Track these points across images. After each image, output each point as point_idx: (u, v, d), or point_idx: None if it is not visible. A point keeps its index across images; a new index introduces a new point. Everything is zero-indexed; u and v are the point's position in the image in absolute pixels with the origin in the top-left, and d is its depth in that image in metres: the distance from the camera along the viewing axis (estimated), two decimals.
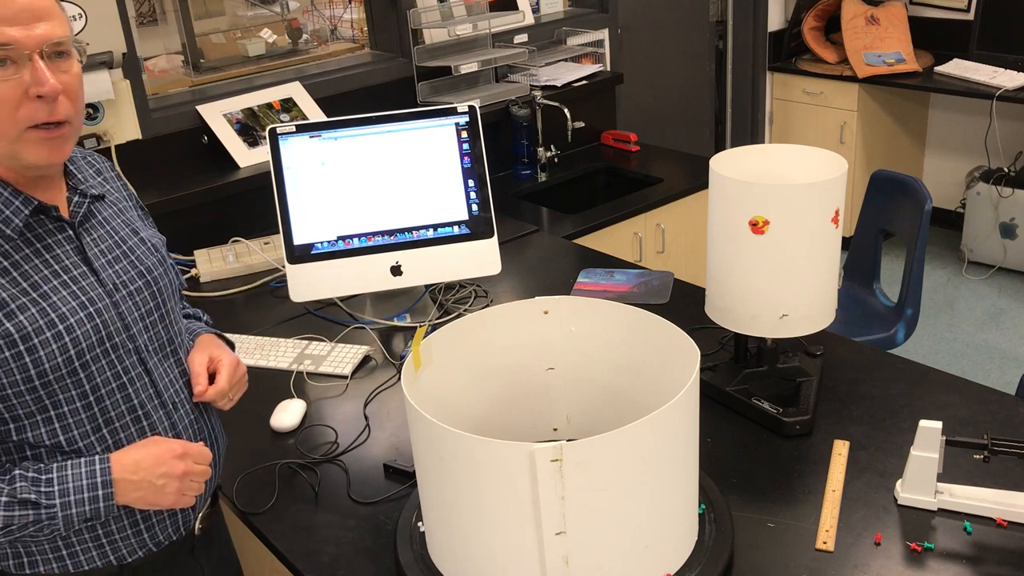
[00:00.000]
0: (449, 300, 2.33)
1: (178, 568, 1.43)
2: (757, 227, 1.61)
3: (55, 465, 1.23)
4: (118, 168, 2.19)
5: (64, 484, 1.22)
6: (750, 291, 1.68)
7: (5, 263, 1.20)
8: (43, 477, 1.21)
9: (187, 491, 1.30)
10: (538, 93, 3.41)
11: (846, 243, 4.19)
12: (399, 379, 2.01)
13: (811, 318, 1.70)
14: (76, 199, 1.30)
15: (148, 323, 1.34)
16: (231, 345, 1.58)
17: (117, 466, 1.24)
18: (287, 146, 2.16)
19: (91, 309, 1.26)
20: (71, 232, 1.28)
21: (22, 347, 1.19)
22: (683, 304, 2.20)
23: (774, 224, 1.61)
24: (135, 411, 1.32)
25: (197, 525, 1.45)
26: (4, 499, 1.19)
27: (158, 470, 1.26)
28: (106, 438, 1.29)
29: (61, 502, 1.21)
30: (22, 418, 1.23)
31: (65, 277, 1.25)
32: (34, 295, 1.21)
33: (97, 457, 1.25)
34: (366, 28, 3.39)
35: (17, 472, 1.21)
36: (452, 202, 2.24)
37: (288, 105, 2.93)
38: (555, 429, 1.67)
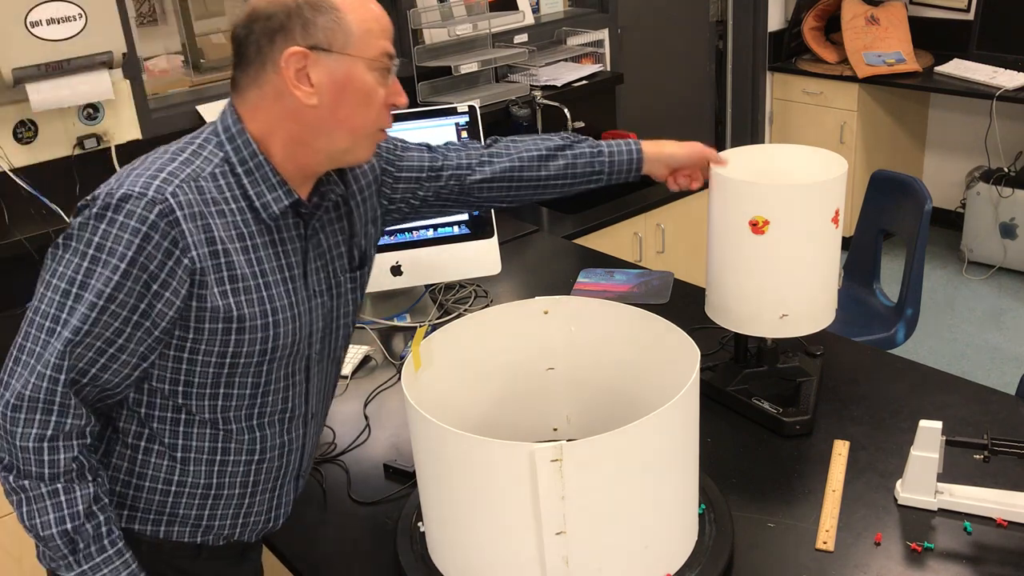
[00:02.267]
0: (449, 300, 2.33)
1: (242, 560, 1.46)
2: (757, 227, 1.61)
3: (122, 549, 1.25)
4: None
5: (99, 571, 1.23)
6: (750, 291, 1.68)
7: (248, 243, 1.25)
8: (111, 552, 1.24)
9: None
10: (538, 93, 3.41)
11: (846, 243, 4.19)
12: (399, 379, 2.01)
13: (812, 318, 1.69)
14: (315, 199, 1.34)
15: (323, 335, 1.39)
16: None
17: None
18: None
19: (294, 311, 1.30)
20: (303, 231, 1.32)
21: (233, 325, 1.23)
22: (683, 304, 2.20)
23: (774, 224, 1.60)
24: (284, 412, 1.36)
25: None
26: (85, 514, 1.21)
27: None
28: (254, 430, 1.33)
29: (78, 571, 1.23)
30: (193, 387, 1.26)
31: (287, 275, 1.30)
32: (259, 281, 1.25)
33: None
34: None
35: (111, 516, 1.25)
36: None
37: None
38: (555, 429, 1.67)
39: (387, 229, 2.22)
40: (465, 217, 2.24)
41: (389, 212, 1.54)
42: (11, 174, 2.51)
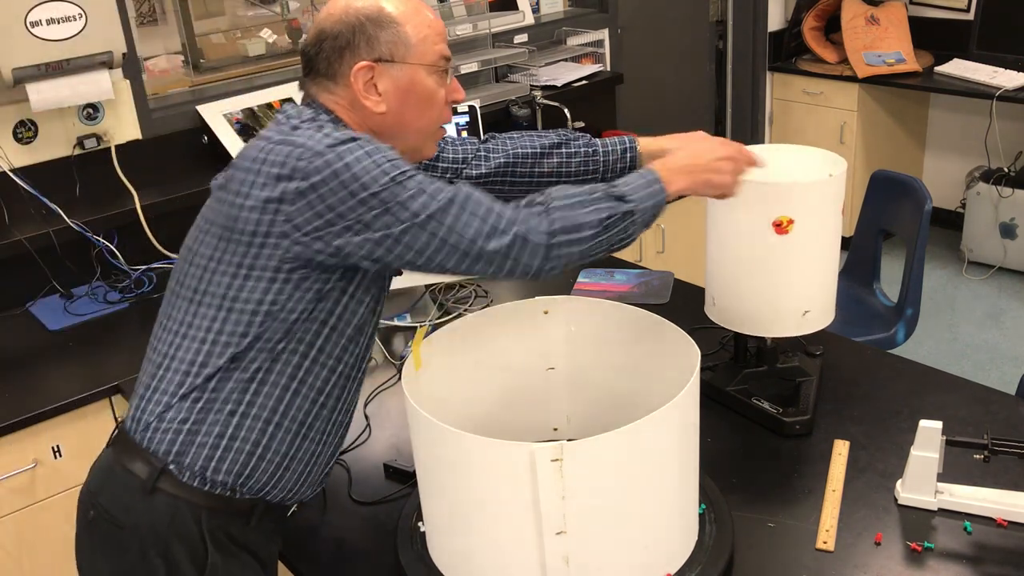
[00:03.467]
0: (449, 300, 2.33)
1: (274, 536, 1.48)
2: (781, 227, 1.62)
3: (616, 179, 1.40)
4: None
5: (630, 184, 1.38)
6: (774, 292, 1.69)
7: None
8: (612, 184, 1.38)
9: (736, 172, 1.51)
10: (538, 93, 3.41)
11: (846, 243, 4.19)
12: (399, 379, 2.01)
13: (827, 311, 1.73)
14: None
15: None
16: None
17: (656, 166, 1.44)
18: None
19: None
20: None
21: (376, 277, 1.37)
22: (683, 304, 2.20)
23: (799, 222, 1.61)
24: (364, 360, 1.44)
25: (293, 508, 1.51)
26: (598, 194, 1.34)
27: (708, 156, 1.49)
28: (343, 377, 1.40)
29: (637, 196, 1.37)
30: (342, 322, 1.36)
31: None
32: None
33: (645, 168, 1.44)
34: None
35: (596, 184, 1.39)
36: None
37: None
38: (555, 429, 1.67)
39: None
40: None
41: None
42: (11, 174, 2.51)
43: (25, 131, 2.55)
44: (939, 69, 4.20)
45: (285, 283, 1.29)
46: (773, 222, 1.62)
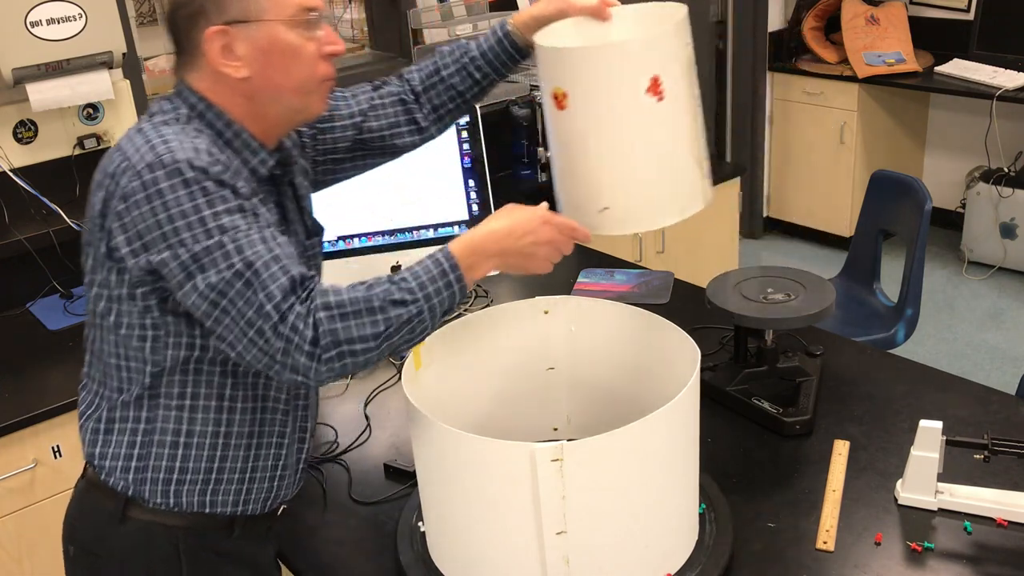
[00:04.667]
0: None
1: (266, 542, 1.47)
2: (558, 101, 1.34)
3: (403, 269, 1.26)
4: None
5: (419, 279, 1.24)
6: (569, 177, 1.42)
7: (260, 198, 1.28)
8: (398, 278, 1.24)
9: (552, 258, 1.36)
10: (538, 93, 3.41)
11: (845, 243, 4.19)
12: (399, 379, 2.01)
13: (645, 212, 1.39)
14: (289, 159, 1.39)
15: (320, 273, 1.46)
16: None
17: (457, 248, 1.28)
18: None
19: (304, 255, 1.38)
20: (276, 196, 1.36)
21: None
22: (683, 304, 2.20)
23: (572, 97, 1.33)
24: None
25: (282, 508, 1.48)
26: (377, 301, 1.21)
27: (525, 240, 1.32)
28: (259, 374, 1.33)
29: (423, 294, 1.23)
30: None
31: (289, 227, 1.36)
32: (280, 233, 1.26)
33: (438, 249, 1.29)
34: (366, 28, 3.39)
35: (372, 280, 1.24)
36: (452, 202, 2.24)
37: None
38: (555, 429, 1.67)
39: (387, 229, 2.22)
40: (466, 217, 2.24)
41: (316, 170, 1.55)
42: (11, 174, 2.51)
43: (25, 131, 2.55)
44: (939, 69, 4.19)
45: (145, 303, 1.23)
46: (552, 94, 1.35)
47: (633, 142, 1.35)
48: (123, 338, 1.27)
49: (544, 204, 1.35)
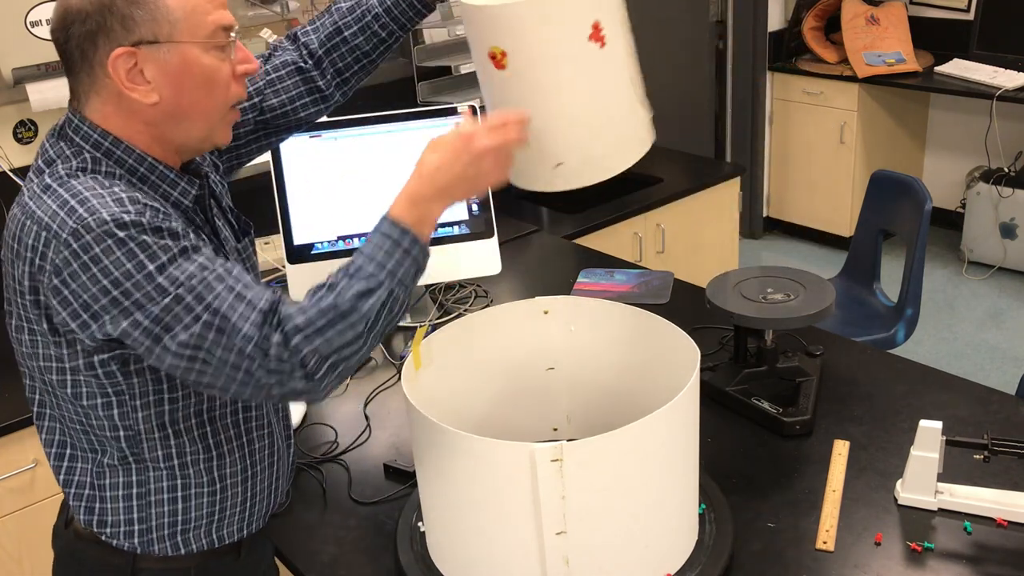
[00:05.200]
0: (449, 300, 2.33)
1: (260, 547, 1.46)
2: (497, 61, 1.29)
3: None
4: None
5: (375, 259, 1.15)
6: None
7: (194, 227, 1.23)
8: (354, 268, 1.15)
9: (501, 166, 1.23)
10: None
11: (845, 243, 4.19)
12: (399, 379, 2.01)
13: (597, 162, 1.35)
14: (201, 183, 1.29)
15: None
16: None
17: (398, 210, 1.18)
18: (287, 146, 2.15)
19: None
20: (204, 215, 1.29)
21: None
22: (683, 304, 2.20)
23: (512, 55, 1.27)
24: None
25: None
26: (343, 306, 1.12)
27: (458, 166, 1.20)
28: (238, 412, 1.31)
29: (386, 274, 1.15)
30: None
31: (221, 243, 1.29)
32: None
33: (381, 219, 1.19)
34: None
35: (332, 278, 1.17)
36: None
37: None
38: (555, 429, 1.67)
39: None
40: (465, 217, 2.24)
41: (222, 161, 1.47)
42: (11, 174, 2.51)
43: (25, 131, 2.55)
44: (939, 69, 4.20)
45: (105, 369, 1.17)
46: (488, 54, 1.28)
47: (583, 92, 1.28)
48: (87, 408, 1.21)
49: (463, 119, 1.25)
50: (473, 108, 2.21)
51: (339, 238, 2.20)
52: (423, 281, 2.24)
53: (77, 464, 1.28)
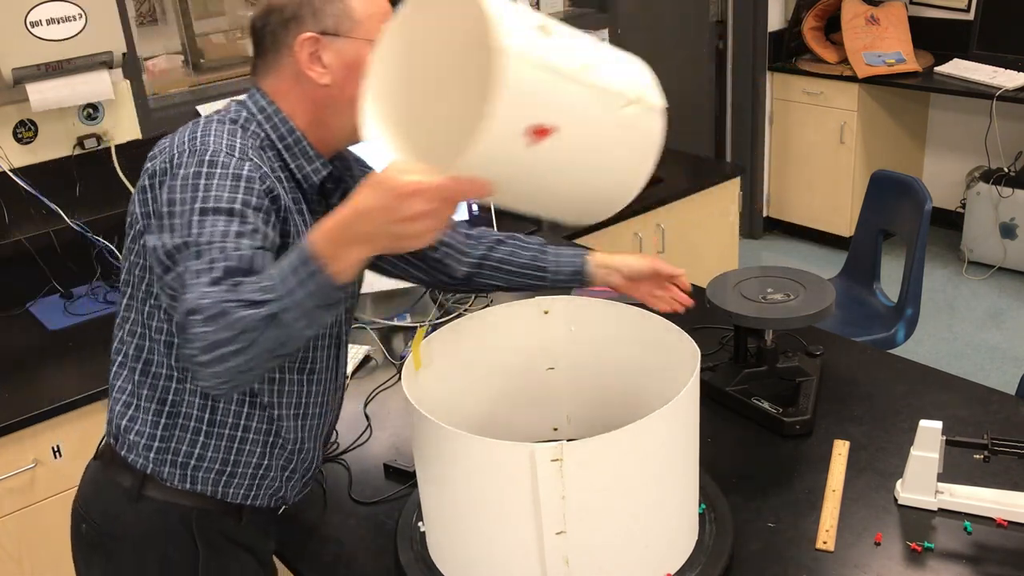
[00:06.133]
0: (449, 300, 2.33)
1: (268, 535, 1.51)
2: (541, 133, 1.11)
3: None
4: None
5: (282, 273, 1.11)
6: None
7: (299, 207, 1.34)
8: (266, 275, 1.13)
9: (431, 230, 1.11)
10: None
11: (845, 243, 4.19)
12: (399, 379, 2.01)
13: (589, 213, 1.35)
14: (331, 182, 1.43)
15: (348, 305, 1.49)
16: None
17: (316, 237, 1.11)
18: None
19: None
20: (325, 207, 1.41)
21: None
22: None
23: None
24: (324, 371, 1.43)
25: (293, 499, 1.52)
26: (231, 306, 1.09)
27: (389, 221, 1.09)
28: (303, 383, 1.40)
29: (284, 290, 1.10)
30: None
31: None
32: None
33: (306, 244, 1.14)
34: None
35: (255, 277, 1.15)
36: None
37: None
38: (555, 429, 1.67)
39: None
40: (465, 217, 2.24)
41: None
42: (11, 174, 2.51)
43: (25, 131, 2.55)
44: (939, 69, 4.19)
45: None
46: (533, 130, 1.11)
47: (551, 183, 1.20)
48: (152, 308, 1.32)
49: (406, 165, 1.09)
50: None
51: None
52: None
53: (126, 372, 1.37)
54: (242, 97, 1.37)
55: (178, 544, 1.36)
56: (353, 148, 1.47)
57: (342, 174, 1.45)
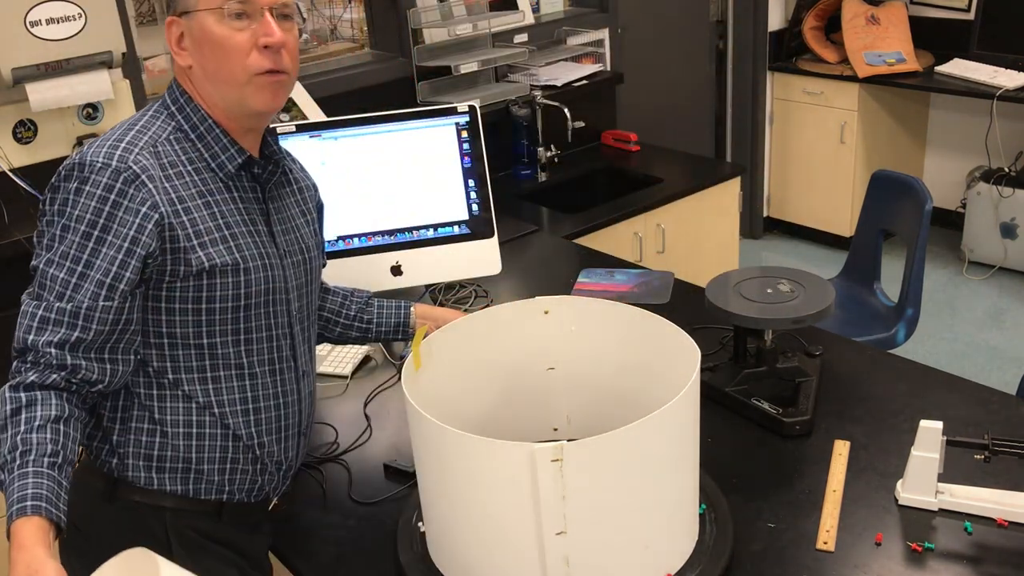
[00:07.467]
0: (449, 300, 2.33)
1: (255, 530, 1.51)
2: None
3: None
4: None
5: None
6: None
7: (209, 199, 1.34)
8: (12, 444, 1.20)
9: None
10: (538, 93, 3.41)
11: (845, 243, 4.18)
12: (399, 379, 2.01)
13: None
14: (270, 168, 1.43)
15: (301, 293, 1.48)
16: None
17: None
18: (287, 146, 2.15)
19: (267, 261, 1.38)
20: (260, 194, 1.42)
21: (204, 280, 1.31)
22: (683, 304, 2.20)
23: None
24: (273, 364, 1.43)
25: (273, 501, 1.53)
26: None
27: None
28: (244, 378, 1.40)
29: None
30: (177, 338, 1.34)
31: (251, 228, 1.38)
32: (224, 233, 1.34)
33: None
34: (366, 28, 3.39)
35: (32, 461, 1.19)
36: (452, 202, 2.24)
37: (288, 105, 2.93)
38: (555, 429, 1.67)
39: (387, 229, 2.22)
40: (465, 217, 2.24)
41: None
42: (11, 174, 2.51)
43: (25, 131, 2.55)
44: (939, 69, 4.19)
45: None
46: None
47: None
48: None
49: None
50: (472, 108, 2.21)
51: (339, 238, 2.20)
52: (426, 281, 2.24)
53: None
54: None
55: (151, 543, 1.33)
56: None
57: (279, 158, 1.45)
